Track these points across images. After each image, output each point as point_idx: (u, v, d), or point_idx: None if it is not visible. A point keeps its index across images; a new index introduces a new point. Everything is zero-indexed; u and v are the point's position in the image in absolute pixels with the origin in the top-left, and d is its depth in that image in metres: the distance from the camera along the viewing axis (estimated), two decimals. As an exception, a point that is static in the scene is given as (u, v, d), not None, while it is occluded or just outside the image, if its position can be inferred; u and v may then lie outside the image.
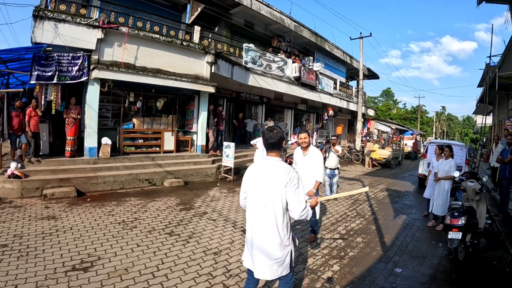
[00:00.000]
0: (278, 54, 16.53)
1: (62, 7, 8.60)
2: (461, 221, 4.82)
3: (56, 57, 8.19)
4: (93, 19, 8.59)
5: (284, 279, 2.71)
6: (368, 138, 23.73)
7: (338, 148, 8.54)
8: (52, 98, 8.39)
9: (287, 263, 2.63)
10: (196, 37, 11.62)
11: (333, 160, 8.35)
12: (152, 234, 5.30)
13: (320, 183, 5.01)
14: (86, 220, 5.80)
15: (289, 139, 18.91)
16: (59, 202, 6.84)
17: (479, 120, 29.28)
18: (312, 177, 4.96)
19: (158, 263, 4.19)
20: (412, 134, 30.82)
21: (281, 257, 2.58)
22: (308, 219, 2.88)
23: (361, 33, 21.23)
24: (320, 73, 19.97)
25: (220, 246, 4.99)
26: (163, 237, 5.19)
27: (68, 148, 8.71)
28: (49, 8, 8.41)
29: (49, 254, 4.32)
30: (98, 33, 8.63)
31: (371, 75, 30.38)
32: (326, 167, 8.30)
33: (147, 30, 10.00)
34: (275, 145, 2.65)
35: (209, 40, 12.72)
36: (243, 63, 13.58)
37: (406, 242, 5.67)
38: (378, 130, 29.66)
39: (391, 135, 21.44)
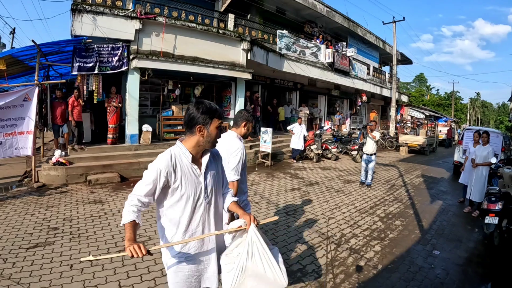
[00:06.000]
0: (312, 40, 16.19)
1: (98, 0, 8.75)
2: (498, 206, 4.90)
3: (96, 49, 8.38)
4: (130, 10, 8.71)
5: None
6: (402, 124, 22.99)
7: (376, 134, 8.41)
8: (93, 88, 8.61)
9: None
10: (230, 25, 11.57)
11: (370, 146, 8.27)
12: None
13: None
14: (133, 204, 5.91)
15: (323, 125, 18.67)
16: (104, 187, 7.04)
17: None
18: None
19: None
20: (446, 121, 29.61)
21: None
22: None
23: (394, 17, 20.51)
24: (353, 59, 19.47)
25: (265, 227, 5.00)
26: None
27: (110, 136, 8.93)
28: (86, 1, 8.56)
29: (100, 235, 4.45)
30: (136, 24, 8.76)
31: (404, 60, 29.35)
32: (363, 153, 8.39)
33: (183, 19, 10.05)
34: None
35: (243, 27, 12.63)
36: (277, 50, 13.44)
37: (442, 226, 5.74)
38: (412, 116, 28.71)
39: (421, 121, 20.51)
